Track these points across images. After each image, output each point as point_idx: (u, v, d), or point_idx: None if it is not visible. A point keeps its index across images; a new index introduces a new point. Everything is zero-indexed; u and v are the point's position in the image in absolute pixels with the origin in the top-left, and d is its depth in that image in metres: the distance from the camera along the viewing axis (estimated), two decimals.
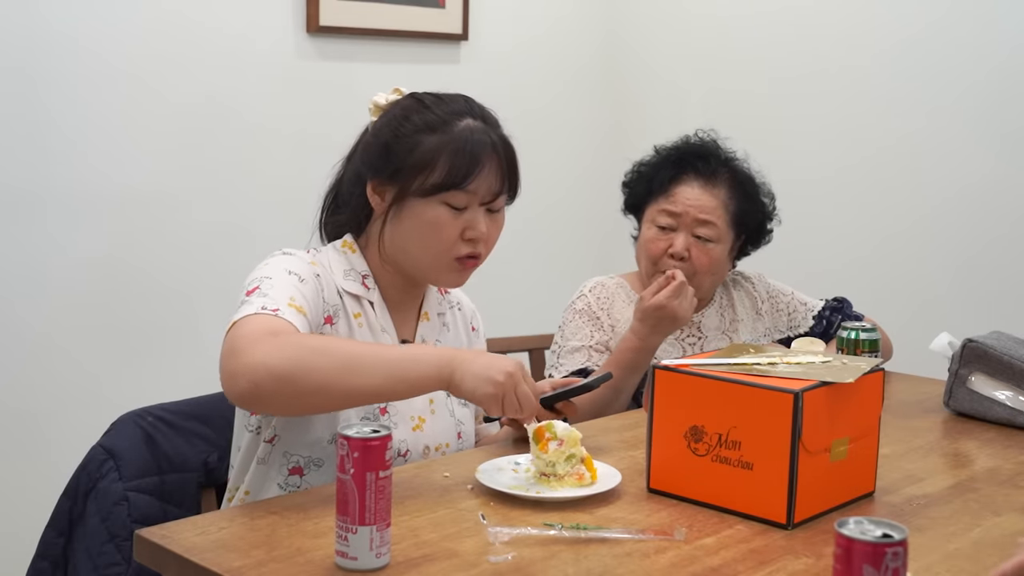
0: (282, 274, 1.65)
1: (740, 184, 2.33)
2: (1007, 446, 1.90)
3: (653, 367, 1.57)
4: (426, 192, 1.70)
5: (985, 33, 3.00)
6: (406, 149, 1.72)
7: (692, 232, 2.27)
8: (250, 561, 1.30)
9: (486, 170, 1.71)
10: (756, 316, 2.43)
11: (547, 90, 3.63)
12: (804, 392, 1.44)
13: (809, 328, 2.42)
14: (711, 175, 2.30)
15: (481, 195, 1.72)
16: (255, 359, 1.46)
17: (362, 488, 1.25)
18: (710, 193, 2.29)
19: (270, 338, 1.49)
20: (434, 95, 1.79)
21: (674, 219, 2.27)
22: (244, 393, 1.48)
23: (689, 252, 2.26)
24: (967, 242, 3.06)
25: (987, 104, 3.01)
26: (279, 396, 1.48)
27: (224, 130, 2.93)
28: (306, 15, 3.04)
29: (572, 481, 1.56)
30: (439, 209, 1.71)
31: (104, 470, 1.75)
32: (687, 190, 2.29)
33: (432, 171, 1.69)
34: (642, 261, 2.34)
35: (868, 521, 1.04)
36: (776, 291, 2.46)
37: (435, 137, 1.71)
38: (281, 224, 3.02)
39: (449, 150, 1.70)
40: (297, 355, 1.48)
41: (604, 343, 2.29)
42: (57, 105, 2.67)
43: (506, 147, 1.75)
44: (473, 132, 1.72)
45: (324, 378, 1.48)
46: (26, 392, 2.67)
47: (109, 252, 2.77)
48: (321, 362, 1.48)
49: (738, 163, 2.37)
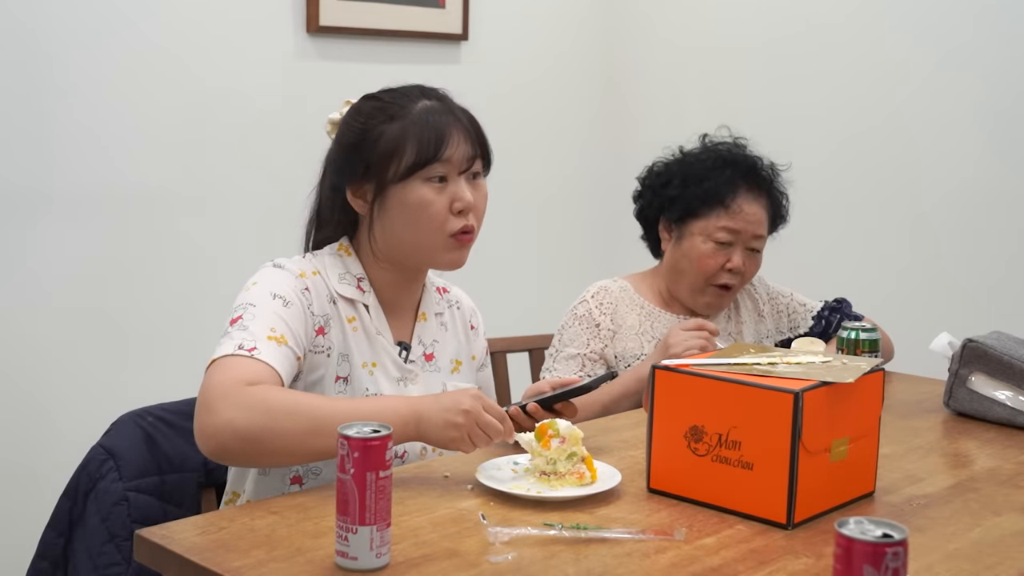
0: (266, 300, 1.66)
1: (775, 189, 2.35)
2: (1007, 446, 1.90)
3: (653, 367, 1.57)
4: (404, 175, 1.71)
5: (986, 31, 3.00)
6: (371, 143, 1.73)
7: (747, 246, 2.28)
8: (250, 561, 1.30)
9: (455, 137, 1.72)
10: (759, 318, 2.43)
11: (547, 90, 3.62)
12: (804, 392, 1.44)
13: (809, 328, 2.42)
14: (760, 185, 2.30)
15: (457, 162, 1.72)
16: (223, 419, 1.49)
17: (362, 488, 1.25)
18: (761, 206, 2.30)
19: (240, 393, 1.50)
20: (385, 89, 1.81)
21: (733, 236, 2.27)
22: (212, 452, 1.52)
23: (744, 265, 2.29)
24: (967, 242, 3.06)
25: (988, 103, 3.01)
26: (245, 455, 1.52)
27: (224, 130, 2.93)
28: (306, 15, 3.04)
29: (572, 480, 1.56)
30: (421, 188, 1.71)
31: (104, 470, 1.75)
32: (747, 206, 2.28)
33: (403, 154, 1.71)
34: (691, 274, 2.30)
35: (868, 521, 1.04)
36: (776, 292, 2.47)
37: (396, 124, 1.72)
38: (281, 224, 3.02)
39: (414, 130, 1.71)
40: (263, 417, 1.49)
41: (599, 351, 2.29)
42: (56, 105, 2.67)
43: (467, 115, 1.77)
44: (430, 110, 1.74)
45: (289, 441, 1.50)
46: (26, 392, 2.67)
47: (109, 252, 2.77)
48: (287, 424, 1.50)
49: (771, 164, 2.36)
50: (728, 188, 2.27)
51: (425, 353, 1.84)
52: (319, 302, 1.71)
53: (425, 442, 1.57)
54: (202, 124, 2.89)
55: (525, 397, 1.86)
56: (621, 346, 2.29)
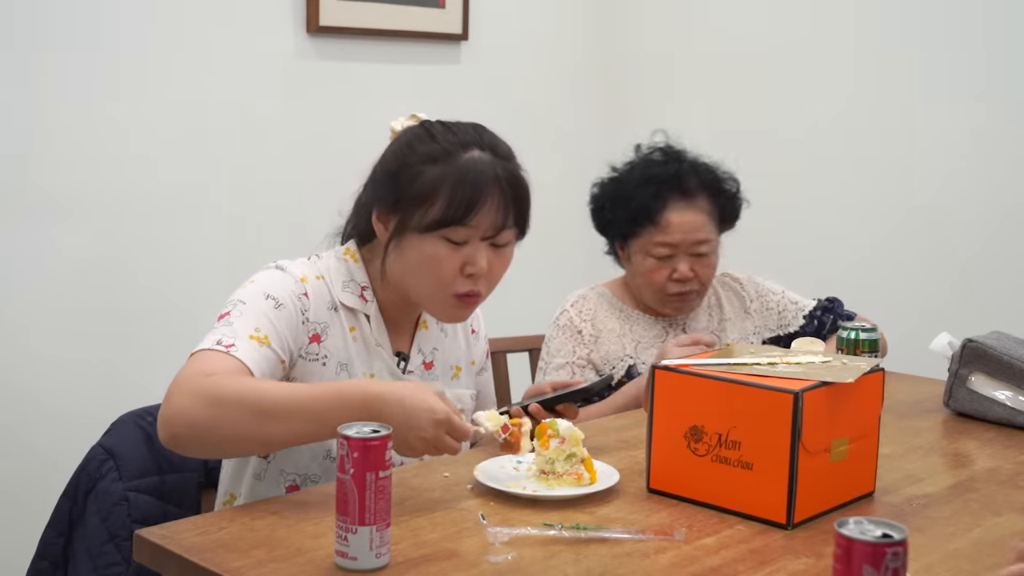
0: (258, 299, 1.64)
1: (714, 187, 2.33)
2: (1007, 446, 1.90)
3: (653, 367, 1.57)
4: (426, 228, 1.65)
5: (985, 33, 3.00)
6: (408, 179, 1.67)
7: (690, 253, 2.27)
8: (250, 561, 1.30)
9: (488, 204, 1.65)
10: (745, 315, 2.44)
11: (547, 90, 3.62)
12: (804, 392, 1.44)
13: (800, 327, 2.42)
14: (690, 191, 2.29)
15: (483, 230, 1.66)
16: (175, 408, 1.47)
17: (362, 488, 1.25)
18: (695, 210, 2.28)
19: (195, 382, 1.49)
20: (444, 124, 1.73)
21: (671, 248, 2.27)
22: (166, 440, 1.50)
23: (693, 271, 2.28)
24: (967, 242, 3.06)
25: (990, 103, 3.01)
26: (197, 442, 1.49)
27: (224, 130, 2.93)
28: (306, 15, 3.04)
29: (570, 480, 1.56)
30: (438, 245, 1.66)
31: (104, 470, 1.75)
32: (676, 216, 2.26)
33: (432, 204, 1.65)
34: (646, 290, 2.32)
35: (868, 521, 1.04)
36: (766, 290, 2.47)
37: (437, 168, 1.66)
38: (281, 224, 3.03)
39: (450, 182, 1.64)
40: (212, 405, 1.46)
41: (586, 356, 2.30)
42: (55, 105, 2.67)
43: (512, 180, 1.68)
44: (476, 164, 1.66)
45: (240, 428, 1.46)
46: (26, 392, 2.66)
47: (109, 252, 2.77)
48: (235, 411, 1.46)
49: (705, 166, 2.35)
50: (655, 203, 2.27)
51: (424, 362, 1.83)
52: (318, 309, 1.69)
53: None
54: (202, 124, 2.89)
55: (526, 397, 1.86)
56: (604, 349, 2.31)
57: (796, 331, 2.41)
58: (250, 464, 1.72)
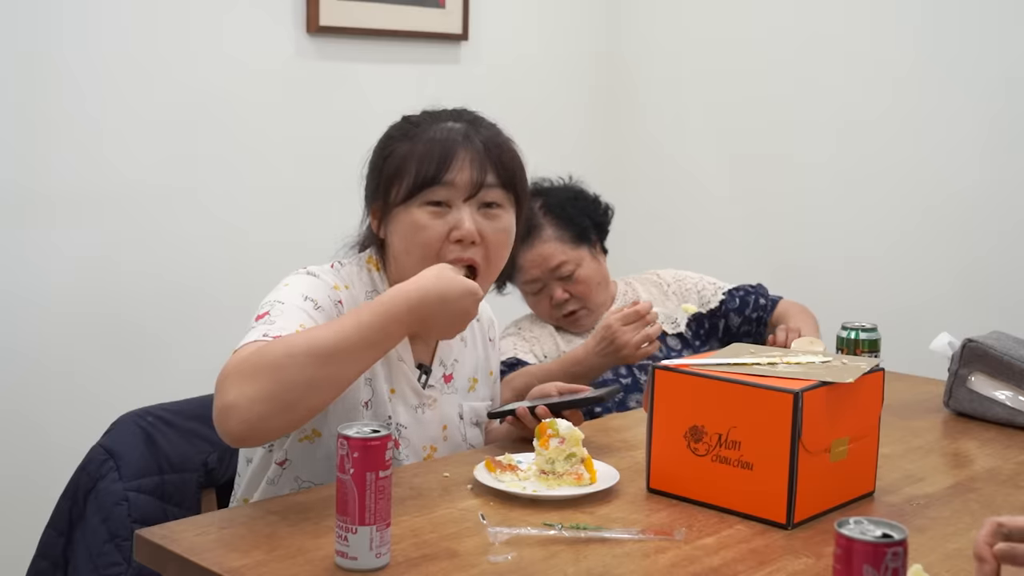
0: (296, 299, 1.60)
1: (557, 212, 2.43)
2: (1007, 446, 1.90)
3: (653, 367, 1.57)
4: (405, 198, 1.65)
5: (985, 35, 3.00)
6: (383, 162, 1.69)
7: (556, 278, 2.40)
8: (250, 561, 1.30)
9: (460, 160, 1.64)
10: (664, 299, 2.52)
11: (547, 90, 3.62)
12: (804, 392, 1.44)
13: (720, 302, 2.50)
14: (532, 228, 2.39)
15: (461, 187, 1.65)
16: (230, 398, 1.40)
17: (362, 488, 1.26)
18: (540, 242, 2.40)
19: (240, 363, 1.42)
20: (425, 110, 1.75)
21: (539, 282, 2.40)
22: (237, 432, 1.41)
23: (569, 293, 2.40)
24: (967, 242, 3.06)
25: (989, 103, 3.01)
26: (271, 418, 1.41)
27: (224, 130, 2.93)
28: (306, 15, 3.04)
29: (570, 480, 1.56)
30: (420, 213, 1.65)
31: (104, 470, 1.75)
32: (530, 255, 2.38)
33: (405, 175, 1.65)
34: (546, 320, 2.46)
35: (868, 521, 1.04)
36: (684, 276, 2.58)
37: (407, 144, 1.68)
38: (281, 224, 3.03)
39: (419, 150, 1.65)
40: (267, 372, 1.40)
41: (528, 349, 2.39)
42: (55, 104, 2.67)
43: (488, 140, 1.68)
44: (447, 130, 1.67)
45: (303, 382, 1.40)
46: (26, 392, 2.66)
47: (109, 252, 2.77)
48: (292, 368, 1.40)
49: (544, 195, 2.45)
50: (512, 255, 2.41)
51: (445, 374, 1.80)
52: None
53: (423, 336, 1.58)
54: (202, 124, 2.89)
55: (530, 397, 1.86)
56: (539, 348, 2.41)
57: (717, 307, 2.49)
58: (266, 471, 1.70)
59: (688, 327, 2.48)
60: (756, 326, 2.50)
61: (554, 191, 2.48)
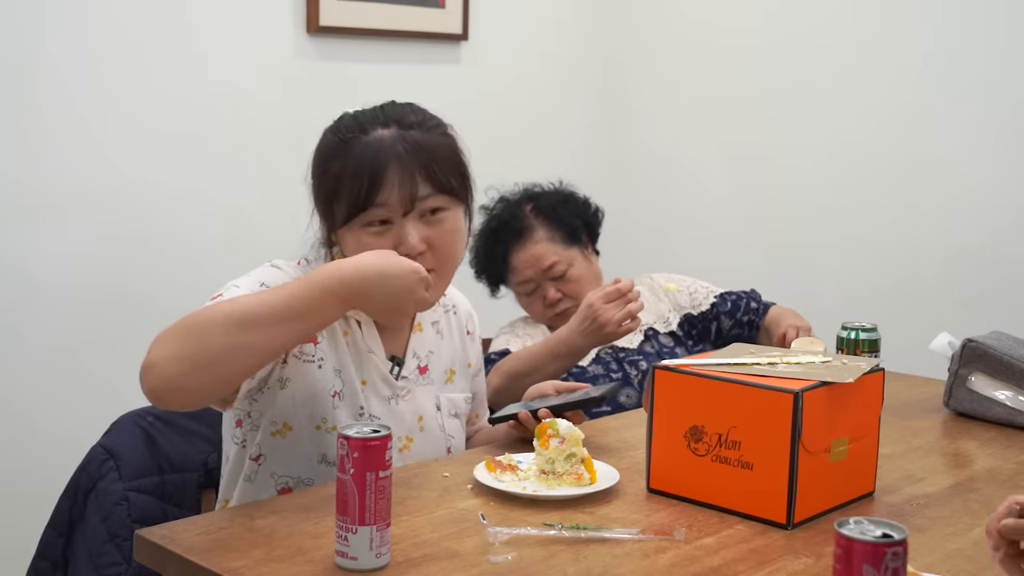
0: (252, 284, 1.62)
1: (547, 213, 2.49)
2: (1007, 446, 1.90)
3: (653, 367, 1.57)
4: (343, 222, 1.65)
5: (983, 34, 3.00)
6: (318, 181, 1.69)
7: (549, 278, 2.45)
8: (250, 561, 1.30)
9: (389, 179, 1.62)
10: (656, 300, 2.56)
11: (546, 90, 3.62)
12: (804, 392, 1.44)
13: (712, 305, 2.54)
14: (525, 229, 2.47)
15: (396, 205, 1.63)
16: (152, 357, 1.42)
17: (362, 488, 1.26)
18: (532, 242, 2.46)
19: (168, 327, 1.45)
20: (354, 113, 1.71)
21: (532, 283, 2.47)
22: (154, 388, 1.43)
23: (562, 292, 2.45)
24: (967, 242, 3.06)
25: (989, 103, 3.01)
26: (184, 376, 1.42)
27: (224, 130, 2.93)
28: (306, 15, 3.04)
29: (570, 480, 1.56)
30: (361, 235, 1.64)
31: (104, 470, 1.75)
32: (522, 256, 2.46)
33: (339, 200, 1.64)
34: (539, 320, 2.52)
35: (868, 521, 1.04)
36: (677, 279, 2.62)
37: (338, 163, 1.65)
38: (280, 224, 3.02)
39: (348, 172, 1.63)
40: (187, 332, 1.42)
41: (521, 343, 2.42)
42: (55, 104, 2.67)
43: (413, 146, 1.64)
44: (371, 144, 1.64)
45: (225, 345, 1.42)
46: (26, 392, 2.66)
47: (108, 251, 2.77)
48: (216, 332, 1.42)
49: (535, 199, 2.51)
50: (499, 253, 2.50)
51: (419, 366, 1.80)
52: None
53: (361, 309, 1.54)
54: (202, 124, 2.89)
55: (527, 398, 1.85)
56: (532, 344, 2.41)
57: (708, 309, 2.53)
58: (242, 467, 1.70)
59: (680, 327, 2.51)
60: (747, 330, 2.53)
61: (545, 195, 2.54)
